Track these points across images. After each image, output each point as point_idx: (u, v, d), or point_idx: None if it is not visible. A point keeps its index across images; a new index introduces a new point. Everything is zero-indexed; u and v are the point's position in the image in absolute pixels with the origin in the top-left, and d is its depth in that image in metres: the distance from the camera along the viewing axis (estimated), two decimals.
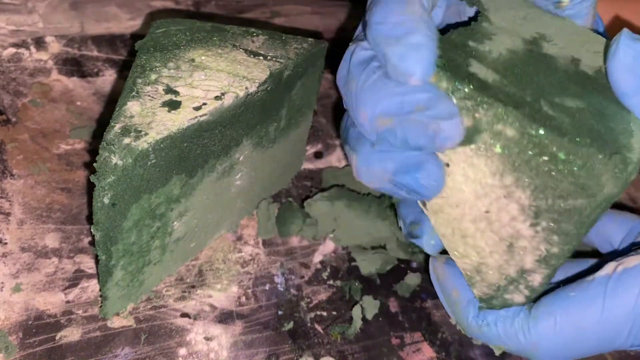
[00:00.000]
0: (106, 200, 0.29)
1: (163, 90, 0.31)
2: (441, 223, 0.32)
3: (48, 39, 0.49)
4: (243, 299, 0.38)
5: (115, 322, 0.35)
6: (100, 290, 0.34)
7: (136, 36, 0.52)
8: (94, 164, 0.28)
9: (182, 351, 0.34)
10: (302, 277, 0.40)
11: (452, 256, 0.33)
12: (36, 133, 0.42)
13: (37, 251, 0.36)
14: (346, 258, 0.42)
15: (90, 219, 0.33)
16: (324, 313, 0.38)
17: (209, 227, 0.39)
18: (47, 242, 0.37)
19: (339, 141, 0.49)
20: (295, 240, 0.42)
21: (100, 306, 0.34)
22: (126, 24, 0.53)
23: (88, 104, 0.46)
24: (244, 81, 0.33)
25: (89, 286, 0.36)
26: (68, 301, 0.35)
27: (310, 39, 0.39)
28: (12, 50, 0.47)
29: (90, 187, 0.33)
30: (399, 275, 0.42)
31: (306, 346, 0.36)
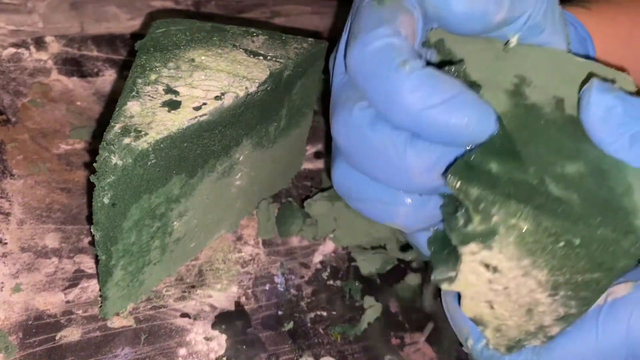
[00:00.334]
0: (106, 200, 0.29)
1: (163, 90, 0.31)
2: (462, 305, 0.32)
3: (48, 39, 0.49)
4: (243, 299, 0.38)
5: (115, 322, 0.35)
6: (100, 290, 0.34)
7: (136, 36, 0.52)
8: (94, 164, 0.28)
9: (182, 351, 0.34)
10: (302, 277, 0.40)
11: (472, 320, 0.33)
12: (36, 133, 0.42)
13: (37, 251, 0.36)
14: (346, 258, 0.42)
15: (90, 219, 0.33)
16: (324, 313, 0.38)
17: (209, 227, 0.39)
18: (47, 242, 0.37)
19: None
20: (295, 240, 0.42)
21: (100, 306, 0.34)
22: (126, 24, 0.53)
23: (88, 104, 0.46)
24: (244, 81, 0.33)
25: (89, 286, 0.36)
26: (68, 301, 0.35)
27: (310, 39, 0.39)
28: (12, 50, 0.47)
29: (90, 187, 0.33)
30: (399, 275, 0.42)
31: (306, 346, 0.36)
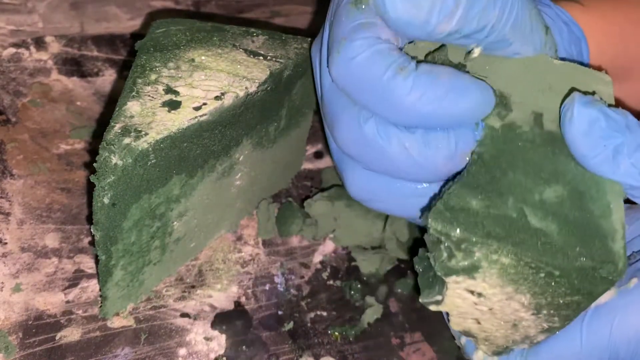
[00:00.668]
0: (106, 200, 0.29)
1: (163, 90, 0.31)
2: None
3: (48, 39, 0.49)
4: (243, 299, 0.38)
5: (115, 322, 0.35)
6: (100, 290, 0.34)
7: (136, 36, 0.52)
8: (94, 164, 0.28)
9: (182, 351, 0.34)
10: (302, 277, 0.40)
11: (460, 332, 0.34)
12: (36, 133, 0.42)
13: (37, 251, 0.36)
14: (346, 258, 0.42)
15: (90, 219, 0.33)
16: (324, 313, 0.38)
17: (209, 227, 0.39)
18: (47, 242, 0.37)
19: None
20: (295, 240, 0.42)
21: (100, 306, 0.34)
22: (126, 24, 0.53)
23: (88, 104, 0.46)
24: (244, 81, 0.33)
25: (89, 286, 0.36)
26: (68, 301, 0.35)
27: (310, 39, 0.39)
28: (12, 50, 0.47)
29: (90, 187, 0.33)
30: (399, 275, 0.42)
31: (306, 346, 0.36)
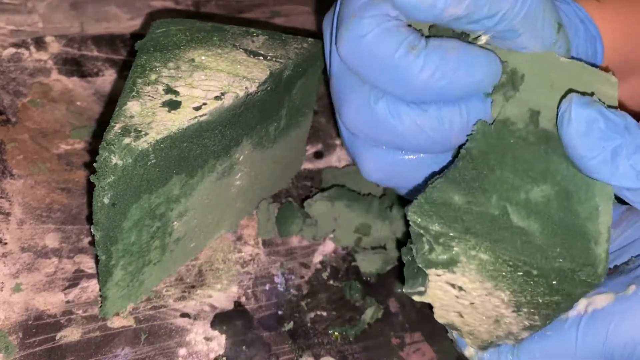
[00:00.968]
0: (106, 200, 0.29)
1: (163, 90, 0.31)
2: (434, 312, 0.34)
3: (48, 39, 0.49)
4: (243, 299, 0.38)
5: (115, 322, 0.35)
6: (100, 290, 0.34)
7: (136, 36, 0.52)
8: (94, 164, 0.28)
9: (182, 351, 0.34)
10: (302, 277, 0.40)
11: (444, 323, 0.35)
12: (36, 133, 0.42)
13: (37, 251, 0.36)
14: (346, 258, 0.42)
15: (90, 219, 0.33)
16: (324, 313, 0.38)
17: (209, 227, 0.39)
18: (47, 242, 0.37)
19: (339, 141, 0.49)
20: (295, 240, 0.42)
21: (100, 306, 0.34)
22: (126, 24, 0.53)
23: (88, 104, 0.46)
24: (244, 81, 0.33)
25: (89, 286, 0.36)
26: (68, 301, 0.35)
27: (310, 39, 0.39)
28: (12, 50, 0.47)
29: (90, 187, 0.33)
30: (399, 275, 0.42)
31: (306, 346, 0.36)
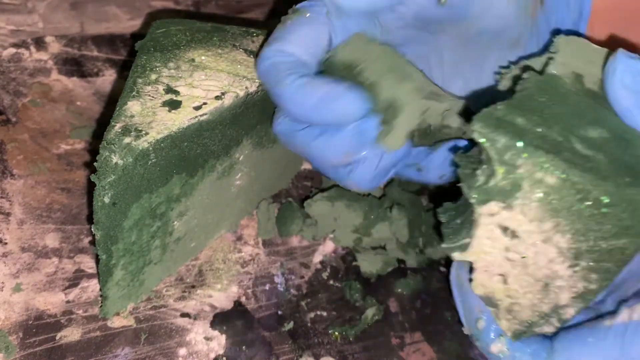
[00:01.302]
0: (107, 199, 0.29)
1: (163, 90, 0.31)
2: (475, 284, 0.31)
3: (48, 39, 0.49)
4: (243, 299, 0.38)
5: (115, 322, 0.35)
6: (100, 290, 0.34)
7: (136, 36, 0.52)
8: (95, 164, 0.28)
9: (182, 351, 0.34)
10: (302, 277, 0.40)
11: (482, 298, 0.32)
12: (36, 133, 0.42)
13: (37, 251, 0.36)
14: (346, 258, 0.42)
15: (90, 219, 0.33)
16: (324, 313, 0.38)
17: (209, 227, 0.39)
18: (47, 242, 0.37)
19: None
20: (295, 240, 0.42)
21: (100, 306, 0.34)
22: (126, 24, 0.53)
23: (88, 104, 0.46)
24: (244, 81, 0.33)
25: (89, 286, 0.36)
26: (68, 301, 0.35)
27: None
28: (12, 50, 0.47)
29: (90, 187, 0.33)
30: (399, 275, 0.42)
31: (306, 346, 0.36)
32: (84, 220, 0.39)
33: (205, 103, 0.31)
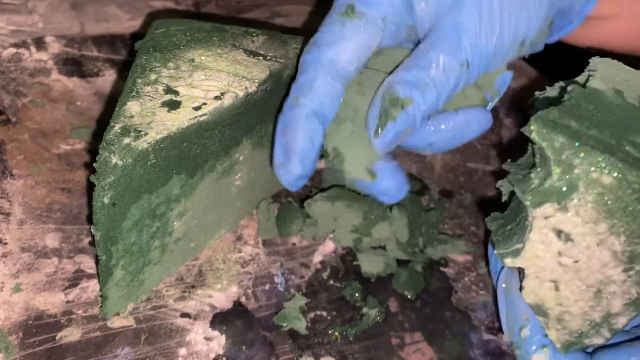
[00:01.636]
0: (106, 200, 0.29)
1: (163, 90, 0.31)
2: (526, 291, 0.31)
3: (48, 39, 0.49)
4: (243, 299, 0.38)
5: (115, 322, 0.35)
6: (100, 290, 0.34)
7: (136, 36, 0.52)
8: (94, 164, 0.28)
9: (182, 351, 0.34)
10: (302, 277, 0.40)
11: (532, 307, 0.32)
12: (36, 133, 0.42)
13: (37, 251, 0.36)
14: (346, 258, 0.42)
15: (90, 219, 0.33)
16: (324, 313, 0.38)
17: (209, 227, 0.39)
18: (47, 242, 0.37)
19: None
20: (295, 240, 0.42)
21: (100, 306, 0.34)
22: (126, 24, 0.53)
23: (88, 104, 0.46)
24: (244, 81, 0.33)
25: (89, 286, 0.36)
26: (68, 301, 0.35)
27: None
28: (13, 50, 0.47)
29: (90, 187, 0.33)
30: (399, 275, 0.42)
31: (306, 346, 0.36)
32: (84, 220, 0.39)
33: (204, 103, 0.31)
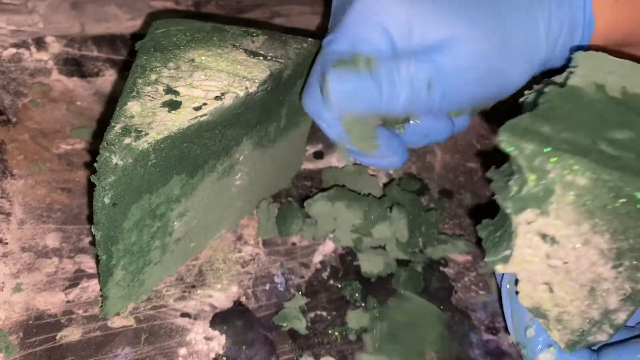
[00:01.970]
0: (107, 200, 0.29)
1: (163, 90, 0.31)
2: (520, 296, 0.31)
3: (48, 39, 0.49)
4: (243, 299, 0.38)
5: (115, 322, 0.35)
6: (100, 290, 0.34)
7: (136, 36, 0.52)
8: (95, 164, 0.28)
9: (182, 351, 0.34)
10: (302, 277, 0.40)
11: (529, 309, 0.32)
12: (36, 133, 0.42)
13: (38, 251, 0.36)
14: (346, 258, 0.42)
15: (90, 219, 0.33)
16: (324, 313, 0.38)
17: (209, 227, 0.39)
18: (48, 242, 0.37)
19: None
20: (295, 240, 0.42)
21: (100, 306, 0.34)
22: (126, 24, 0.53)
23: (88, 104, 0.46)
24: (244, 81, 0.33)
25: (90, 286, 0.36)
26: (68, 301, 0.35)
27: (310, 39, 0.39)
28: (13, 50, 0.47)
29: (90, 187, 0.33)
30: (399, 275, 0.42)
31: (306, 346, 0.36)
32: (84, 220, 0.39)
33: (205, 103, 0.31)
